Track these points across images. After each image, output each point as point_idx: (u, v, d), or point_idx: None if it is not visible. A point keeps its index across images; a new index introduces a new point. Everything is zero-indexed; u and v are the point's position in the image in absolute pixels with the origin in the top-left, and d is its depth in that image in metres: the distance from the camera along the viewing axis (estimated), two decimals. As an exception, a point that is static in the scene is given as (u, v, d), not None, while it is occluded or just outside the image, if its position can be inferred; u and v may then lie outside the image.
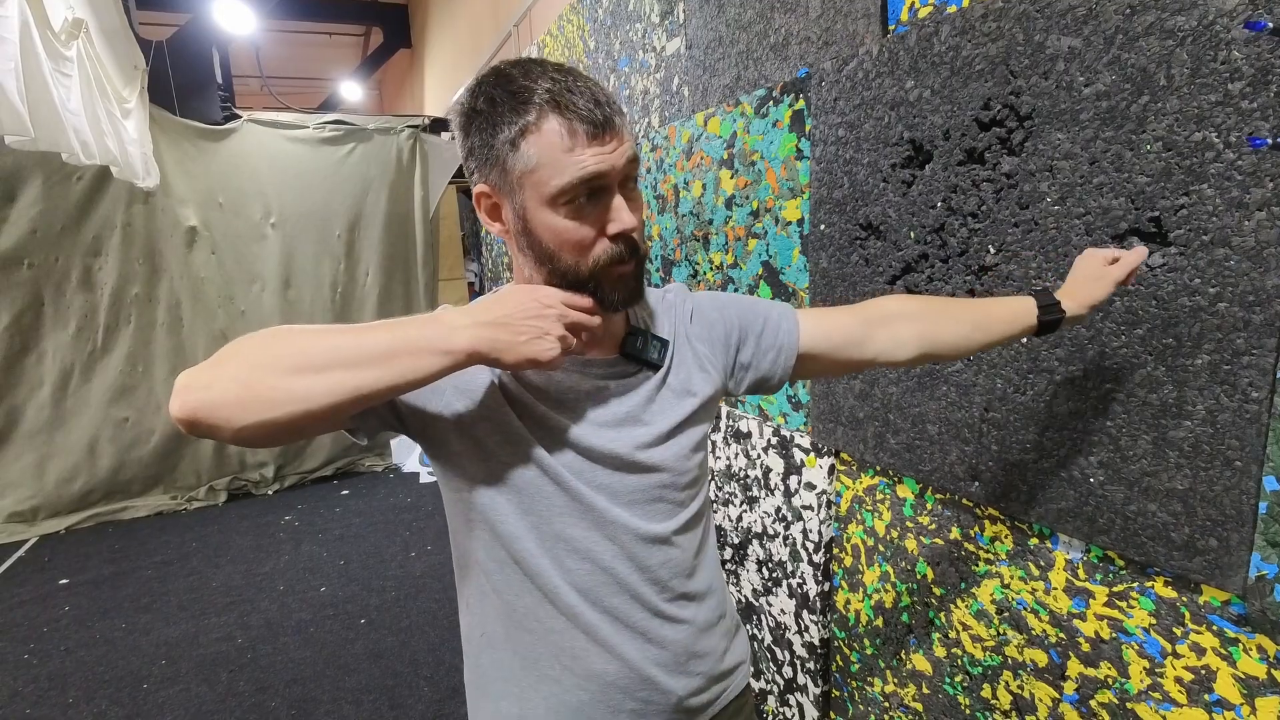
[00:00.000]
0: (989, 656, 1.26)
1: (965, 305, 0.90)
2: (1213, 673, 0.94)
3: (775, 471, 1.75)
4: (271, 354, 0.53)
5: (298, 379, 0.52)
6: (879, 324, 0.85)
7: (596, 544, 0.72)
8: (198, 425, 0.51)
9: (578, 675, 0.73)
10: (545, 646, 0.73)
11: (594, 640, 0.73)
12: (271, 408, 0.51)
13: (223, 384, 0.51)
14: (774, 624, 1.85)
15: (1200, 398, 0.90)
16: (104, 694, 2.20)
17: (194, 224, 3.65)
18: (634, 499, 0.73)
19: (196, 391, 0.51)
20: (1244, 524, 0.87)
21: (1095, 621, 1.07)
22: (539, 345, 0.59)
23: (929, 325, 0.85)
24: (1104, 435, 1.00)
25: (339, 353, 0.53)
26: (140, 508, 3.71)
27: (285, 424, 0.52)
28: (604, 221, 0.65)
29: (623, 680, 0.74)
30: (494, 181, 0.66)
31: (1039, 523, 1.13)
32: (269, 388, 0.51)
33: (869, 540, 1.51)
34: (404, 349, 0.54)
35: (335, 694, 2.14)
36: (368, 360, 0.53)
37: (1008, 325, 0.86)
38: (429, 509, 3.60)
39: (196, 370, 0.52)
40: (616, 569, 0.72)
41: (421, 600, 2.69)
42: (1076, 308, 0.87)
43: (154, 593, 2.85)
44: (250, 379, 0.51)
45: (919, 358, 0.86)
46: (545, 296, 0.61)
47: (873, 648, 1.54)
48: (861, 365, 0.87)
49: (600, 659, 0.73)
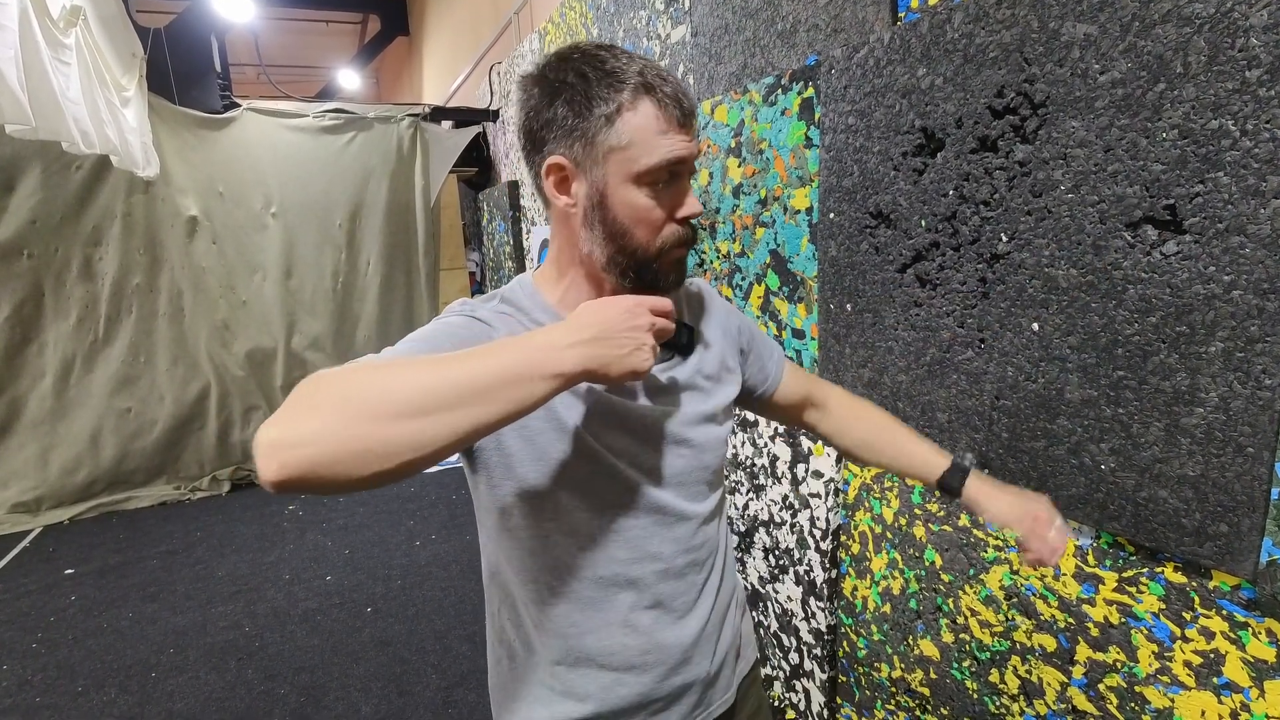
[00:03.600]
0: (997, 642, 1.27)
1: (887, 427, 0.97)
2: (1221, 656, 0.95)
3: (782, 460, 1.75)
4: (368, 400, 0.48)
5: (407, 425, 0.48)
6: (818, 404, 0.97)
7: (644, 529, 0.73)
8: (303, 485, 0.47)
9: (617, 669, 0.74)
10: (583, 644, 0.74)
11: (634, 629, 0.74)
12: (384, 460, 0.48)
13: (325, 440, 0.47)
14: (780, 611, 1.86)
15: (1213, 385, 0.90)
16: (113, 682, 2.21)
17: (194, 213, 3.64)
18: (679, 480, 0.75)
19: (296, 450, 0.46)
20: (1255, 510, 0.88)
21: (1105, 607, 1.08)
22: (639, 356, 0.58)
23: (844, 424, 0.97)
24: (1115, 423, 1.01)
25: (443, 393, 0.50)
26: (144, 498, 3.71)
27: (397, 471, 0.49)
28: (676, 205, 0.68)
29: (662, 663, 0.75)
30: (575, 154, 0.66)
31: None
32: (379, 440, 0.48)
33: (877, 528, 1.52)
34: (512, 378, 0.52)
35: (344, 681, 2.16)
36: (476, 397, 0.51)
37: (919, 465, 0.93)
38: (432, 498, 3.61)
39: (282, 424, 0.48)
40: (663, 552, 0.74)
41: (427, 588, 2.70)
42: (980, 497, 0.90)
43: (160, 582, 2.86)
44: (354, 432, 0.47)
45: (827, 438, 0.99)
46: (633, 306, 0.59)
47: (880, 634, 1.55)
48: (799, 424, 0.98)
49: (641, 646, 0.74)
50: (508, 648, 0.79)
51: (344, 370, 0.52)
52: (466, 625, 2.42)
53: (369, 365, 0.53)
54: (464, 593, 2.66)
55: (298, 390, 0.50)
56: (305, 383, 0.51)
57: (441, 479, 3.86)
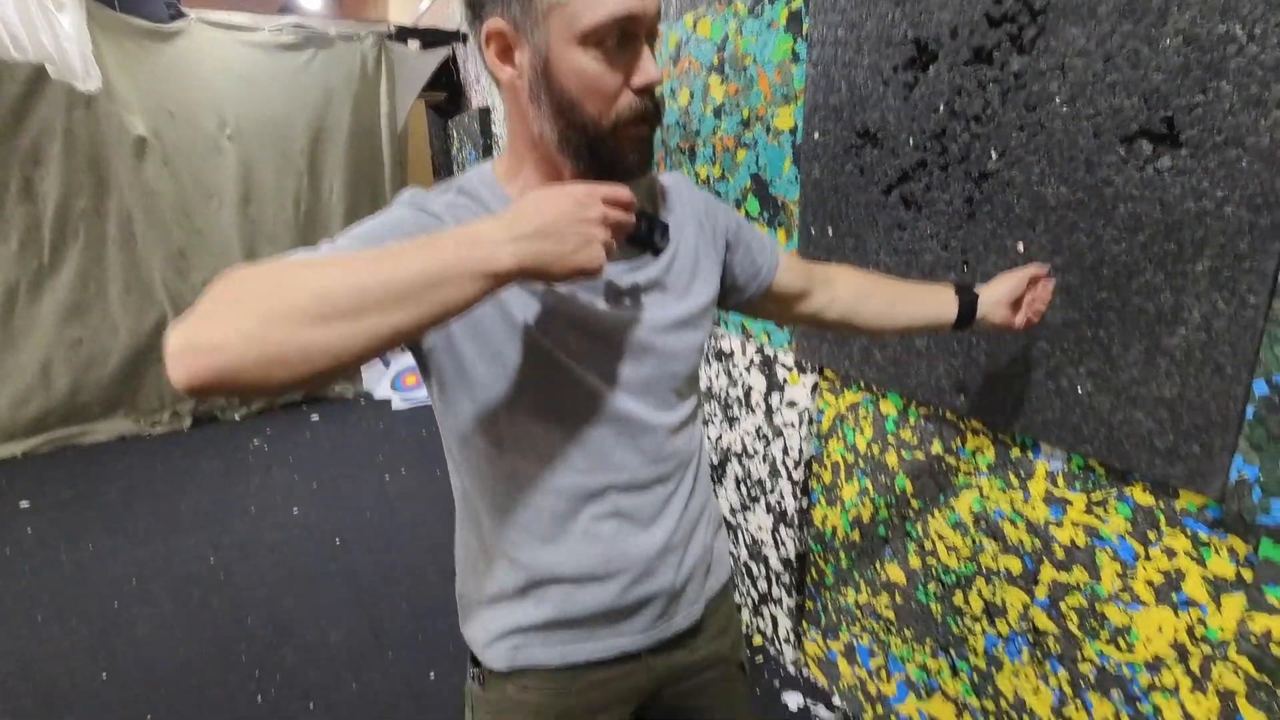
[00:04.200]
0: (963, 565, 1.29)
1: (897, 284, 0.95)
2: (1182, 574, 0.97)
3: (757, 390, 1.74)
4: (286, 300, 0.44)
5: (327, 329, 0.44)
6: (823, 284, 0.89)
7: (605, 439, 0.69)
8: (213, 391, 0.43)
9: (577, 579, 0.72)
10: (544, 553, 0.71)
11: (595, 538, 0.71)
12: (303, 363, 0.44)
13: (238, 343, 0.42)
14: (750, 540, 1.88)
15: (1197, 304, 0.89)
16: (73, 612, 2.17)
17: (142, 133, 3.42)
18: (644, 388, 0.71)
19: (206, 355, 0.42)
20: (1228, 429, 0.88)
21: (1071, 529, 1.10)
22: (588, 253, 0.52)
23: (858, 294, 0.91)
24: (1096, 345, 1.00)
25: (368, 292, 0.45)
26: (101, 432, 3.60)
27: (317, 376, 0.45)
28: (631, 71, 0.60)
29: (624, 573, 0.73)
30: (512, 16, 0.59)
31: (1023, 434, 1.13)
32: (298, 345, 0.43)
33: (849, 456, 1.52)
34: (438, 278, 0.47)
35: (313, 611, 2.15)
36: (402, 297, 0.46)
37: (931, 306, 0.93)
38: (402, 435, 3.56)
39: (194, 327, 0.43)
40: (627, 463, 0.70)
41: (398, 521, 2.69)
42: (991, 292, 0.94)
43: (120, 516, 2.80)
44: (271, 335, 0.43)
45: (838, 323, 0.91)
46: (583, 196, 0.53)
47: (848, 560, 1.58)
48: (800, 319, 0.91)
49: (603, 555, 0.72)
50: (471, 559, 0.76)
51: (260, 268, 0.47)
52: (438, 558, 2.42)
53: (288, 262, 0.48)
54: (435, 527, 2.64)
55: (213, 290, 0.46)
56: (222, 282, 0.46)
57: (412, 416, 3.80)
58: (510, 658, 0.74)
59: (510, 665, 0.74)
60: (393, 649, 1.96)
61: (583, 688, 0.76)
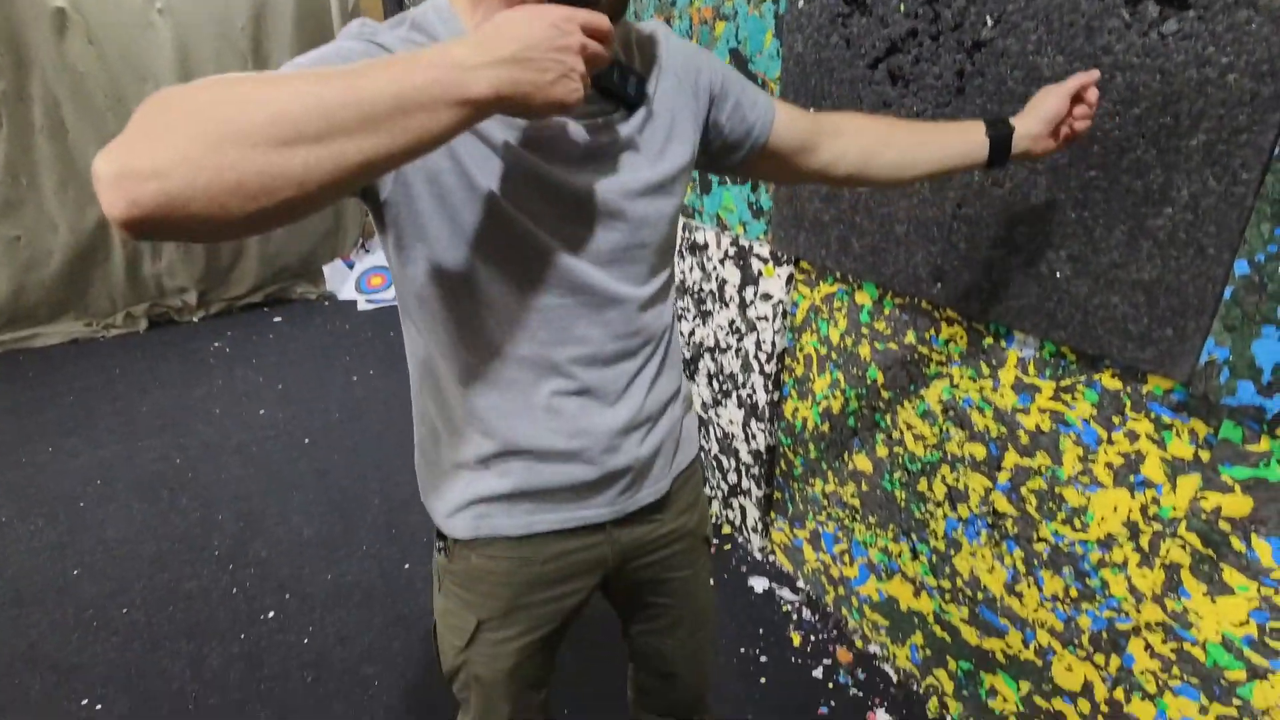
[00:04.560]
0: (929, 454, 1.31)
1: (915, 128, 0.84)
2: (1142, 456, 0.99)
3: (731, 283, 1.70)
4: (241, 119, 0.38)
5: (290, 153, 0.38)
6: (830, 135, 0.79)
7: (568, 310, 0.65)
8: (160, 226, 0.37)
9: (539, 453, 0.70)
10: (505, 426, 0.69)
11: (558, 413, 0.69)
12: (263, 193, 0.38)
13: (185, 169, 0.36)
14: (721, 435, 1.90)
15: (1187, 182, 0.86)
16: (37, 512, 2.14)
17: (61, 5, 3.09)
18: (611, 258, 0.66)
19: (147, 181, 0.36)
20: (1204, 311, 0.87)
21: (1038, 415, 1.11)
22: (566, 86, 0.47)
23: (873, 141, 0.80)
24: (1079, 227, 0.97)
25: (333, 113, 0.39)
26: (51, 335, 3.46)
27: (275, 212, 0.39)
28: None
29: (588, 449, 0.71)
30: None
31: (997, 321, 1.12)
32: (255, 170, 0.37)
33: (822, 349, 1.51)
34: (411, 103, 0.41)
35: (283, 508, 2.15)
36: (372, 121, 0.40)
37: (956, 144, 0.80)
38: (368, 335, 3.49)
39: (128, 148, 0.37)
40: (590, 335, 0.67)
41: (367, 421, 2.67)
42: (1028, 124, 0.80)
43: (78, 418, 2.73)
44: (223, 159, 0.37)
45: (849, 178, 0.82)
46: (561, 21, 0.47)
47: (816, 452, 1.60)
48: (804, 177, 0.82)
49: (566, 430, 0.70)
50: (430, 427, 0.74)
51: (201, 85, 0.40)
52: (408, 456, 2.40)
53: (235, 77, 0.41)
54: (405, 426, 2.62)
55: (144, 108, 0.39)
56: (153, 99, 0.39)
57: (378, 317, 3.72)
58: (474, 527, 0.74)
59: (474, 534, 0.74)
60: (366, 543, 1.98)
61: (547, 558, 0.76)
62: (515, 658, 0.80)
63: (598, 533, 0.77)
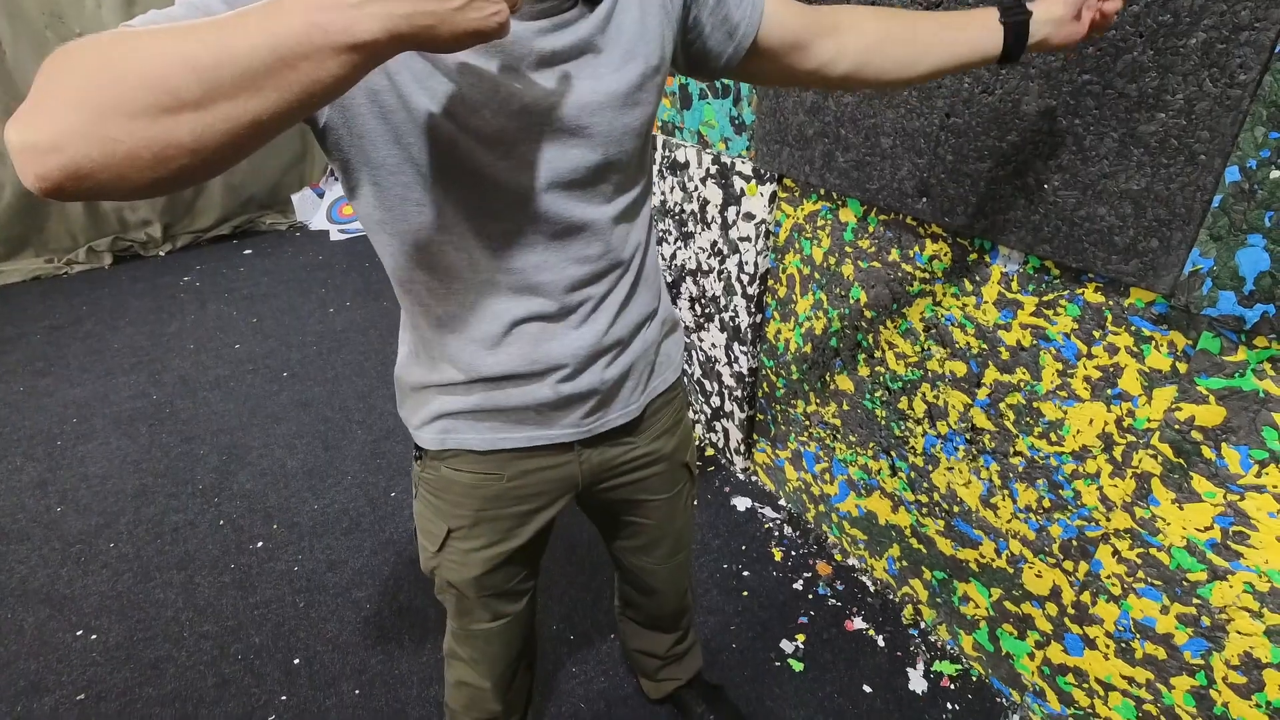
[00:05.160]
0: (910, 372, 1.31)
1: (920, 20, 0.74)
2: (1120, 369, 0.99)
3: (713, 204, 1.66)
4: (118, 88, 0.36)
5: (173, 122, 0.36)
6: (827, 31, 0.70)
7: (524, 235, 0.62)
8: (73, 194, 0.37)
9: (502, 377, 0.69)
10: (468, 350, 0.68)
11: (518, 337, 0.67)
12: (159, 163, 0.37)
13: (77, 142, 0.35)
14: (704, 358, 1.89)
15: (1183, 85, 0.82)
16: (16, 451, 2.12)
17: (-18, -92, 2.84)
18: (571, 180, 0.62)
19: (46, 155, 0.35)
20: (1190, 221, 0.86)
21: (1019, 331, 1.10)
22: (479, 10, 0.40)
23: (874, 37, 0.71)
24: (1070, 135, 0.94)
25: (207, 74, 0.36)
26: (11, 272, 3.35)
27: (179, 177, 0.38)
28: None
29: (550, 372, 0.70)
30: None
31: (982, 236, 1.10)
32: (143, 142, 0.36)
33: (805, 269, 1.49)
34: (288, 54, 0.37)
35: (266, 440, 2.14)
36: (251, 79, 0.37)
37: (967, 36, 0.71)
38: (343, 266, 3.40)
39: (27, 119, 0.36)
40: (548, 261, 0.64)
41: (345, 353, 2.63)
42: (1048, 6, 0.71)
43: (48, 356, 2.67)
44: (109, 131, 0.35)
45: (849, 76, 0.72)
46: None
47: (799, 373, 1.60)
48: (798, 78, 0.74)
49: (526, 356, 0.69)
50: (409, 345, 0.74)
51: (90, 41, 0.37)
52: (389, 385, 2.40)
53: (117, 34, 0.38)
54: (385, 356, 2.60)
55: (44, 68, 0.37)
56: (52, 58, 0.37)
57: (352, 247, 3.62)
58: (440, 439, 0.75)
59: (440, 446, 0.76)
60: (351, 472, 1.99)
61: (514, 474, 0.77)
62: (483, 566, 0.82)
63: (565, 452, 0.78)
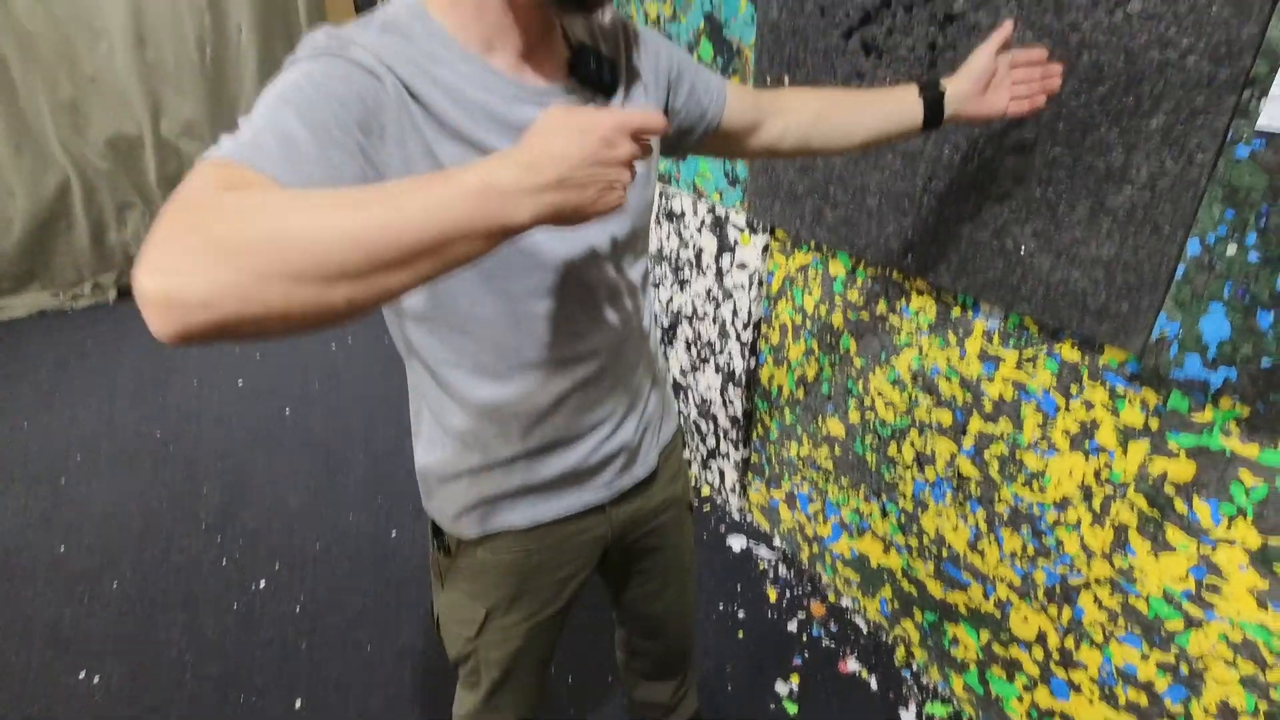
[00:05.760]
0: (899, 419, 1.35)
1: (853, 97, 0.86)
2: (1097, 424, 1.03)
3: (708, 252, 1.71)
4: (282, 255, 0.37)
5: (331, 290, 0.38)
6: (775, 112, 0.82)
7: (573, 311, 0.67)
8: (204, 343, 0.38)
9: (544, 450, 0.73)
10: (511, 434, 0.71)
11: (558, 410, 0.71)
12: (304, 321, 0.39)
13: (232, 303, 0.36)
14: (700, 400, 1.94)
15: (1146, 162, 0.88)
16: (19, 488, 2.15)
17: (2, -42, 2.93)
18: (618, 250, 0.68)
19: (197, 312, 0.36)
20: (1157, 288, 0.91)
21: (1001, 384, 1.15)
22: (608, 200, 0.46)
23: (813, 116, 0.82)
24: (1043, 203, 0.99)
25: (374, 252, 0.39)
26: (17, 307, 3.39)
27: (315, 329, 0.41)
28: None
29: (592, 436, 0.74)
30: None
31: (964, 293, 1.15)
32: (298, 305, 0.38)
33: (797, 318, 1.54)
34: (455, 235, 0.41)
35: (269, 473, 2.17)
36: (413, 256, 0.40)
37: (892, 111, 0.83)
38: (346, 302, 3.46)
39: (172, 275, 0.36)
40: (591, 330, 0.69)
41: (349, 386, 2.67)
42: (958, 84, 0.82)
43: (54, 391, 2.70)
44: (268, 295, 0.37)
45: (798, 148, 0.84)
46: (610, 133, 0.45)
47: (792, 416, 1.64)
48: (753, 152, 0.85)
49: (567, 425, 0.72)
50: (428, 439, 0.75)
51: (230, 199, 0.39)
52: (391, 422, 2.43)
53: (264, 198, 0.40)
54: (387, 389, 2.64)
55: (181, 213, 0.38)
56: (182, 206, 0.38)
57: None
58: (481, 525, 0.75)
59: (482, 532, 0.76)
60: (353, 510, 2.02)
61: (551, 543, 0.79)
62: (524, 639, 0.83)
63: (597, 514, 0.80)
